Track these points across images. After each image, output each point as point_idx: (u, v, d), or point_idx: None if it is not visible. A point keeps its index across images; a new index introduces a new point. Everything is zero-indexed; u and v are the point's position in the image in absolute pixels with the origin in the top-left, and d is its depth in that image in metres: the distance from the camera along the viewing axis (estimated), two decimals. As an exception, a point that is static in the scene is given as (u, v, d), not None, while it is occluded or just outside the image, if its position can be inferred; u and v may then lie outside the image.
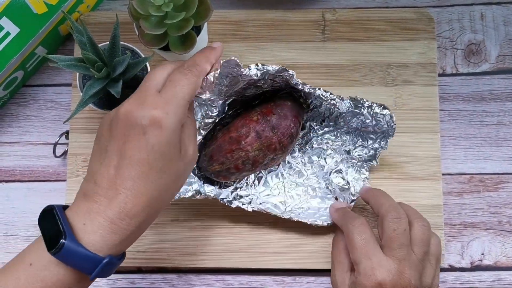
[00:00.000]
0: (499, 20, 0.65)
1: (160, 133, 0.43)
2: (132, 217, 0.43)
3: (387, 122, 0.56)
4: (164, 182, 0.44)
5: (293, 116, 0.57)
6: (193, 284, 0.62)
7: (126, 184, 0.43)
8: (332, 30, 0.64)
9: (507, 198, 0.62)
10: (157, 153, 0.43)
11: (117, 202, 0.42)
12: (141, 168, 0.43)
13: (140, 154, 0.43)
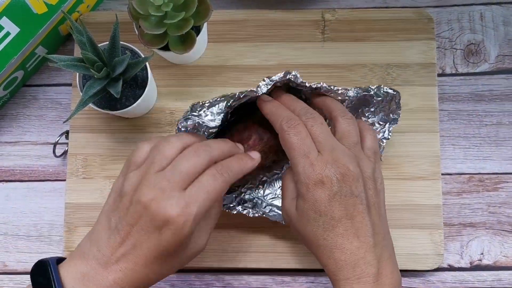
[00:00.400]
0: (499, 20, 0.65)
1: (174, 238, 0.43)
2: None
3: (394, 100, 0.56)
4: (164, 272, 0.46)
5: None
6: (193, 284, 0.62)
7: (127, 265, 0.44)
8: (332, 30, 0.64)
9: (507, 198, 0.63)
10: (167, 252, 0.44)
11: (113, 277, 0.43)
12: (146, 260, 0.44)
13: (149, 248, 0.44)
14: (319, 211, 0.47)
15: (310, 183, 0.47)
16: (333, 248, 0.47)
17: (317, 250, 0.48)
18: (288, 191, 0.51)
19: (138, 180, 0.45)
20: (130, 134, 0.63)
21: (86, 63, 0.52)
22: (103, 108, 0.57)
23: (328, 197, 0.47)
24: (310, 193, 0.47)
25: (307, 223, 0.48)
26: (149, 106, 0.62)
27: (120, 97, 0.57)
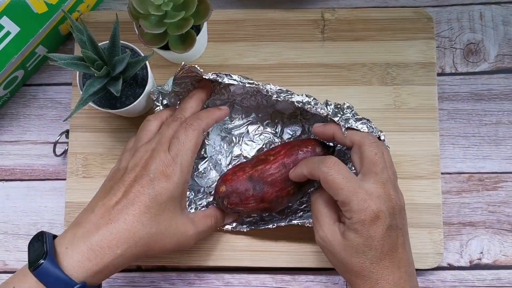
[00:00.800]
0: (498, 20, 0.65)
1: (166, 185, 0.49)
2: (110, 249, 0.46)
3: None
4: (154, 231, 0.49)
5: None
6: (193, 282, 0.63)
7: (119, 217, 0.47)
8: (331, 29, 0.64)
9: (506, 197, 0.63)
10: (158, 202, 0.49)
11: (103, 231, 0.47)
12: (138, 209, 0.48)
13: (142, 197, 0.48)
14: (371, 245, 0.47)
15: (366, 220, 0.47)
16: (378, 280, 0.48)
17: (358, 280, 0.48)
18: (324, 216, 0.51)
19: (131, 154, 0.53)
20: (130, 133, 0.63)
21: (86, 62, 0.52)
22: (103, 107, 0.57)
23: (382, 233, 0.47)
24: (365, 229, 0.47)
25: (355, 254, 0.48)
26: (149, 106, 0.62)
27: (120, 96, 0.57)
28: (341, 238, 0.49)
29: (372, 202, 0.47)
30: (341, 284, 0.62)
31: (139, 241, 0.48)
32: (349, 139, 0.52)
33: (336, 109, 0.54)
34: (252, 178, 0.54)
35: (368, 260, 0.48)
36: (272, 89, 0.55)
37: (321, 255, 0.61)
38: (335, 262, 0.50)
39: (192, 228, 0.53)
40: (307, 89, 0.62)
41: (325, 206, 0.51)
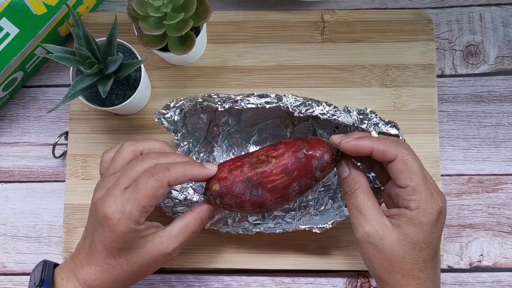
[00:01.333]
0: (498, 22, 0.65)
1: (112, 234, 0.47)
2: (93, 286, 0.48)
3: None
4: (127, 268, 0.48)
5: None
6: (192, 284, 0.62)
7: (94, 260, 0.48)
8: (331, 31, 0.64)
9: (506, 199, 0.63)
10: (114, 247, 0.47)
11: (87, 269, 0.48)
12: (102, 255, 0.48)
13: (101, 244, 0.48)
14: (430, 242, 0.46)
15: (434, 214, 0.45)
16: (426, 280, 0.46)
17: (404, 280, 0.46)
18: (371, 209, 0.46)
19: (102, 180, 0.50)
20: (129, 135, 0.63)
21: (79, 58, 0.52)
22: (91, 102, 0.57)
23: (440, 231, 0.47)
24: (429, 224, 0.45)
25: (411, 251, 0.45)
26: (140, 106, 0.63)
27: (110, 94, 0.57)
28: (395, 232, 0.45)
29: (438, 197, 0.46)
30: (340, 286, 0.62)
31: (117, 279, 0.49)
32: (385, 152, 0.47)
33: (361, 116, 0.53)
34: (250, 181, 0.49)
35: (422, 258, 0.45)
36: (292, 104, 0.52)
37: (321, 258, 0.60)
38: (379, 261, 0.46)
39: (169, 245, 0.49)
40: (306, 90, 0.62)
41: (369, 198, 0.47)
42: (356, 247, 0.60)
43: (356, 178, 0.48)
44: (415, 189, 0.45)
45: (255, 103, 0.53)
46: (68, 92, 0.52)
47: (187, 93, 0.63)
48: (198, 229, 0.51)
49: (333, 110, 0.52)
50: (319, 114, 0.52)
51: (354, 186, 0.48)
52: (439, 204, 0.46)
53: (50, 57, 0.51)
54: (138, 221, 0.46)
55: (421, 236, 0.45)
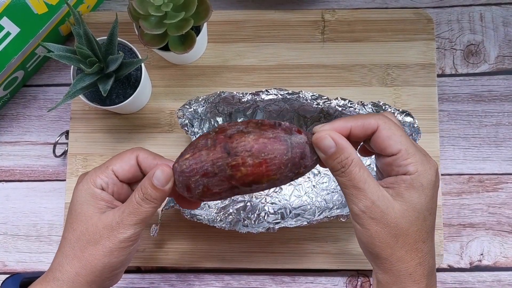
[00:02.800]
0: (498, 21, 0.65)
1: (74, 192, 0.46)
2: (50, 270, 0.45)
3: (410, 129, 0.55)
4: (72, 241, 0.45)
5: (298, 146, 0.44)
6: (192, 284, 0.62)
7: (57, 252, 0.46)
8: (331, 30, 0.64)
9: (506, 199, 0.63)
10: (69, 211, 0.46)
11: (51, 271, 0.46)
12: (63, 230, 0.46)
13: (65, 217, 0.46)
14: (431, 208, 0.43)
15: (433, 174, 0.42)
16: (427, 253, 0.43)
17: (407, 255, 0.42)
18: (368, 182, 0.42)
19: None
20: (129, 134, 0.63)
21: (79, 57, 0.53)
22: (92, 101, 0.57)
23: (438, 193, 0.44)
24: (431, 186, 0.42)
25: (416, 220, 0.42)
26: (141, 105, 0.63)
27: (111, 93, 0.57)
28: (398, 203, 0.42)
29: (432, 162, 0.43)
30: (340, 286, 0.62)
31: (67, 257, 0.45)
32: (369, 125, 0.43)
33: (376, 108, 0.54)
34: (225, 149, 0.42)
35: (425, 228, 0.42)
36: (309, 97, 0.55)
37: (321, 257, 0.60)
38: (382, 236, 0.42)
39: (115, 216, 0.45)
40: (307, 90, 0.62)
41: (364, 171, 0.42)
42: (356, 246, 0.60)
43: (346, 151, 0.42)
44: (408, 152, 0.42)
45: (276, 94, 0.55)
46: (68, 91, 0.52)
47: (187, 92, 0.63)
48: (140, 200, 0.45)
49: (348, 103, 0.54)
50: (336, 106, 0.54)
51: (347, 162, 0.42)
52: (435, 165, 0.43)
53: (50, 56, 0.52)
54: (95, 180, 0.45)
55: (424, 202, 0.42)
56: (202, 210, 0.59)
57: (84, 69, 0.52)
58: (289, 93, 0.55)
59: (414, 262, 0.42)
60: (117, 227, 0.44)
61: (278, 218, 0.60)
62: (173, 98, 0.63)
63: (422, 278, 0.42)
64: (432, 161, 0.43)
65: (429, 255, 0.43)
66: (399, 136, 0.42)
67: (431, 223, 0.43)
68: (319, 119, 0.59)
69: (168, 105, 0.63)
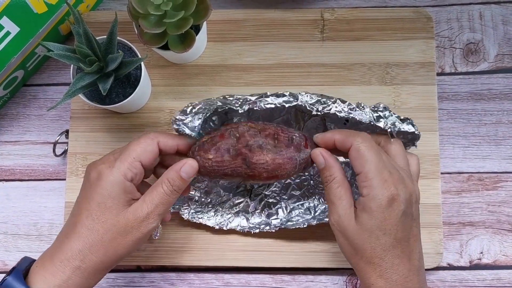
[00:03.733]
0: (498, 19, 0.65)
1: (100, 184, 0.48)
2: (68, 260, 0.47)
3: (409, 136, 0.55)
4: (102, 232, 0.47)
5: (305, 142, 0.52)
6: (192, 282, 0.63)
7: (71, 233, 0.48)
8: (331, 29, 0.64)
9: (506, 197, 0.63)
10: (96, 203, 0.48)
11: (63, 249, 0.48)
12: (81, 216, 0.48)
13: (84, 202, 0.48)
14: (385, 229, 0.47)
15: (383, 200, 0.46)
16: (388, 268, 0.47)
17: (367, 267, 0.48)
18: (341, 199, 0.49)
19: None
20: (129, 133, 0.63)
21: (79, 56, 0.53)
22: (92, 100, 0.57)
23: (397, 217, 0.47)
24: (380, 210, 0.46)
25: (368, 238, 0.47)
26: (140, 105, 0.63)
27: (111, 92, 0.57)
28: (353, 222, 0.48)
29: (391, 184, 0.47)
30: (340, 284, 0.62)
31: (92, 248, 0.47)
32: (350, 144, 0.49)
33: (375, 113, 0.53)
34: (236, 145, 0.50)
35: (380, 246, 0.47)
36: (308, 102, 0.53)
37: (321, 256, 0.61)
38: (347, 248, 0.49)
39: (145, 207, 0.48)
40: (306, 89, 0.62)
41: (341, 189, 0.49)
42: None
43: (331, 169, 0.49)
44: (366, 176, 0.47)
45: (274, 103, 0.53)
46: (68, 90, 0.52)
47: (187, 91, 0.63)
48: (169, 192, 0.49)
49: (347, 108, 0.53)
50: (336, 112, 0.53)
51: (329, 178, 0.49)
52: (391, 191, 0.47)
53: (50, 55, 0.52)
54: (126, 174, 0.48)
55: (374, 223, 0.47)
56: (203, 213, 0.60)
57: (84, 68, 0.52)
58: (287, 101, 0.53)
59: (374, 274, 0.47)
60: (147, 218, 0.48)
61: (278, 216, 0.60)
62: (173, 97, 0.64)
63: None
64: (390, 187, 0.47)
65: (392, 271, 0.47)
66: (363, 160, 0.47)
67: (387, 242, 0.47)
68: (316, 115, 0.59)
69: (168, 104, 0.63)
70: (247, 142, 0.50)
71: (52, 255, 0.48)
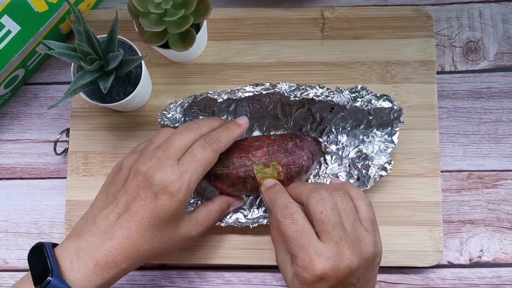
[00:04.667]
0: (498, 18, 0.65)
1: (169, 203, 0.47)
2: (116, 264, 0.47)
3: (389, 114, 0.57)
4: (157, 245, 0.48)
5: (309, 151, 0.56)
6: (193, 280, 0.63)
7: (122, 232, 0.47)
8: (331, 28, 0.64)
9: (506, 195, 0.63)
10: (160, 219, 0.47)
11: (108, 246, 0.47)
12: (141, 225, 0.47)
13: (145, 213, 0.47)
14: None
15: (308, 278, 0.45)
16: None
17: None
18: (280, 245, 0.51)
19: (137, 157, 0.51)
20: (130, 132, 0.63)
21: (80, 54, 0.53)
22: (92, 98, 0.57)
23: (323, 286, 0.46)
24: (306, 286, 0.46)
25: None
26: (141, 103, 0.63)
27: (111, 91, 0.57)
28: (290, 276, 0.48)
29: (318, 263, 0.45)
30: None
31: (143, 255, 0.48)
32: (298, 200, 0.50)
33: (353, 94, 0.56)
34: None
35: None
36: (286, 89, 0.56)
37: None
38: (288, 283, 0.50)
39: (195, 229, 0.52)
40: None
41: (279, 236, 0.51)
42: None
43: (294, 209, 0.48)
44: (292, 255, 0.48)
45: (251, 91, 0.56)
46: (69, 88, 0.53)
47: (188, 90, 0.64)
48: (218, 218, 0.55)
49: (326, 91, 0.56)
50: (313, 97, 0.55)
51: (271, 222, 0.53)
52: (316, 270, 0.45)
53: (51, 54, 0.52)
54: (192, 192, 0.49)
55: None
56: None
57: (85, 66, 0.52)
58: (265, 88, 0.56)
59: None
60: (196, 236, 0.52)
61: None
62: (173, 95, 0.64)
63: None
64: (317, 263, 0.45)
65: None
66: (288, 238, 0.47)
67: None
68: (303, 105, 0.59)
69: (168, 103, 0.63)
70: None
71: (92, 252, 0.46)
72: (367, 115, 0.58)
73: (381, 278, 0.62)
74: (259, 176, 0.54)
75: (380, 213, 0.60)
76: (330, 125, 0.60)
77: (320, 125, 0.60)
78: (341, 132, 0.60)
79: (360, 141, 0.60)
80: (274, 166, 0.54)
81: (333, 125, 0.60)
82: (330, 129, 0.60)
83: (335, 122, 0.60)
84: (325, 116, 0.60)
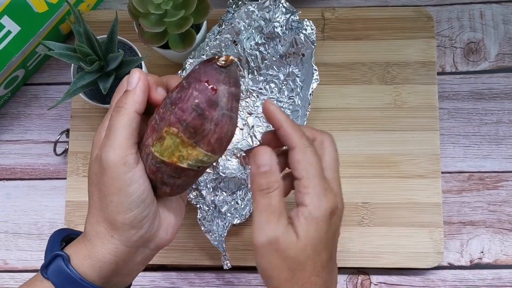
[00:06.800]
0: (498, 19, 0.65)
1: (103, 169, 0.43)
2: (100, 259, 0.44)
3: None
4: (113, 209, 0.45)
5: (199, 80, 0.39)
6: (193, 281, 0.63)
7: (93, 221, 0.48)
8: (331, 28, 0.64)
9: (507, 196, 0.63)
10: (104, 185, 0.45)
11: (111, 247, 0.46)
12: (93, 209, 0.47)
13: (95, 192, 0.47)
14: (326, 243, 0.42)
15: (328, 210, 0.42)
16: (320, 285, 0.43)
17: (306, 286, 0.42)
18: (282, 215, 0.42)
19: None
20: (130, 133, 0.63)
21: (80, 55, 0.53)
22: (92, 99, 0.57)
23: (334, 231, 0.43)
24: (325, 221, 0.42)
25: (312, 255, 0.42)
26: None
27: (111, 91, 0.57)
28: (295, 237, 0.42)
29: (331, 195, 0.42)
30: (341, 283, 0.62)
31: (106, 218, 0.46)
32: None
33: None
34: None
35: (320, 262, 0.42)
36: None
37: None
38: (282, 271, 0.42)
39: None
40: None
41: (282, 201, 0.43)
42: (356, 244, 0.60)
43: (277, 176, 0.43)
44: (310, 181, 0.42)
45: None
46: (69, 89, 0.53)
47: (188, 90, 0.63)
48: None
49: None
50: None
51: (273, 185, 0.42)
52: (332, 201, 0.42)
53: (51, 54, 0.52)
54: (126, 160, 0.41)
55: (318, 236, 0.42)
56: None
57: (85, 67, 0.52)
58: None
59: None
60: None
61: None
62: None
63: None
64: (330, 196, 0.42)
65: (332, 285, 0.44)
66: (309, 164, 0.42)
67: (326, 256, 0.42)
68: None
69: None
70: None
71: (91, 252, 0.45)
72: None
73: (381, 280, 0.61)
74: (166, 155, 0.40)
75: (381, 214, 0.60)
76: None
77: None
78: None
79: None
80: (167, 133, 0.39)
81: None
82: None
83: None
84: None
